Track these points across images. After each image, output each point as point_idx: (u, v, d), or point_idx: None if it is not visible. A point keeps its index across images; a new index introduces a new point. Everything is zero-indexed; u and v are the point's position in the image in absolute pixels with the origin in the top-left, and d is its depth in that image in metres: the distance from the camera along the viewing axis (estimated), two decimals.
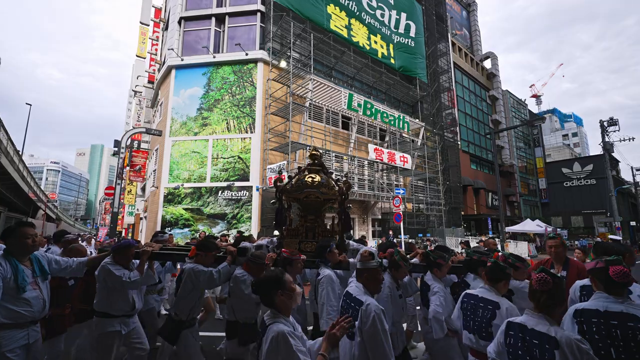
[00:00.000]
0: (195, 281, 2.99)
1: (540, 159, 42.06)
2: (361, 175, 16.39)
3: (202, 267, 3.04)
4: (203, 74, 14.49)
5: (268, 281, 1.76)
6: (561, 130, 79.24)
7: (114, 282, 2.89)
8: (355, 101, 15.25)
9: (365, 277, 2.33)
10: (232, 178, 13.36)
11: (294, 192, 3.73)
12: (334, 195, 3.66)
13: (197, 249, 3.17)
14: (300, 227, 3.77)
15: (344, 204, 3.67)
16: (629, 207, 39.51)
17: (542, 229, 21.82)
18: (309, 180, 3.67)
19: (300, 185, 3.68)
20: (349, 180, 3.94)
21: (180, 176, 13.59)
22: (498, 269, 2.34)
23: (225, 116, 13.97)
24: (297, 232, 3.77)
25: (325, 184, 3.69)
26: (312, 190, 3.60)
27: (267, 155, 13.33)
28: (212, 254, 3.21)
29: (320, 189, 3.62)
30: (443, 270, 3.09)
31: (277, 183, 3.82)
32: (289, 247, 3.54)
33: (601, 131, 23.02)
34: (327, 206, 3.94)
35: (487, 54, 37.84)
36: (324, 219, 3.93)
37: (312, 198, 3.64)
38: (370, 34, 18.50)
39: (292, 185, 3.79)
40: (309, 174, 3.80)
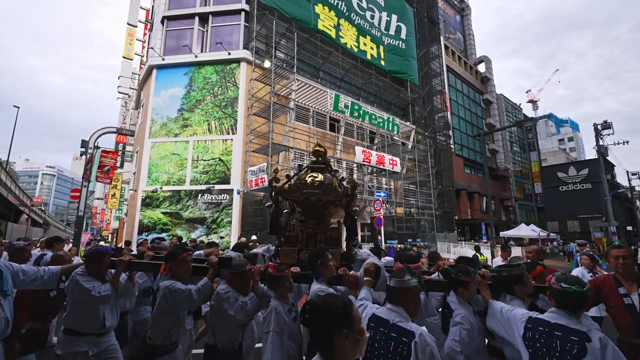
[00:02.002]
0: (171, 302, 2.52)
1: (535, 163, 41.78)
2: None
3: (179, 285, 2.55)
4: (185, 74, 14.09)
5: (331, 313, 1.15)
6: (557, 135, 79.33)
7: (82, 295, 2.52)
8: (342, 102, 14.87)
9: (403, 299, 1.84)
10: (212, 181, 12.89)
11: (292, 194, 3.20)
12: (337, 196, 3.15)
13: (165, 261, 2.68)
14: (300, 234, 3.24)
15: (349, 207, 3.17)
16: (625, 212, 39.20)
17: (535, 233, 21.41)
18: (309, 179, 3.16)
19: (300, 186, 3.16)
20: (354, 180, 3.30)
21: (159, 179, 13.11)
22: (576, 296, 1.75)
23: (206, 117, 13.54)
24: (296, 239, 3.24)
25: (328, 184, 3.16)
26: (312, 191, 3.09)
27: (248, 157, 12.88)
28: (186, 263, 2.68)
29: (321, 189, 3.11)
30: (470, 290, 2.34)
31: (273, 183, 3.28)
32: (287, 256, 3.11)
33: (595, 134, 22.76)
34: (331, 210, 3.43)
35: (481, 58, 37.76)
36: (327, 224, 3.39)
37: (313, 200, 3.14)
38: (360, 35, 18.21)
39: (291, 185, 3.27)
40: (311, 173, 3.31)
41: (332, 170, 3.43)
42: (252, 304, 2.56)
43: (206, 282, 2.64)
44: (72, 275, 2.60)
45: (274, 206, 3.31)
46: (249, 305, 2.53)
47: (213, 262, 2.74)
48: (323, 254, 2.58)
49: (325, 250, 2.64)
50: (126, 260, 2.78)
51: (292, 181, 3.32)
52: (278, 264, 2.63)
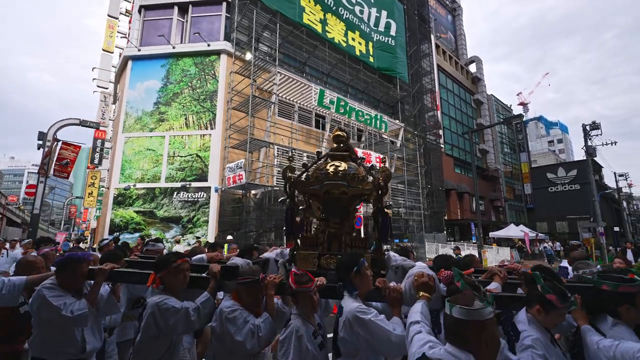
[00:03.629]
0: (162, 325, 1.91)
1: (525, 164, 41.89)
2: None
3: (172, 302, 1.96)
4: (162, 65, 13.42)
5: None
6: (547, 137, 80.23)
7: (50, 315, 1.96)
8: (328, 98, 14.36)
9: (475, 339, 1.19)
10: (189, 178, 12.24)
11: (310, 186, 2.68)
12: (366, 189, 2.62)
13: (155, 270, 2.07)
14: (321, 235, 2.72)
15: (381, 201, 2.64)
16: (612, 213, 39.55)
17: (523, 234, 21.21)
18: (330, 169, 2.63)
19: (320, 177, 2.63)
20: (387, 168, 2.77)
21: (133, 176, 12.41)
22: None
23: (184, 111, 12.89)
24: (315, 241, 2.70)
25: (354, 174, 2.63)
26: (335, 183, 2.57)
27: (227, 153, 12.27)
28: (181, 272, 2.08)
29: (347, 180, 2.59)
30: (552, 316, 1.62)
31: (287, 173, 2.73)
32: (304, 262, 2.57)
33: (584, 135, 22.68)
34: (356, 205, 2.91)
35: (472, 58, 37.70)
36: (353, 222, 2.90)
37: (336, 194, 2.64)
38: (348, 30, 17.73)
39: (309, 176, 2.74)
40: (331, 161, 2.78)
41: (357, 157, 2.89)
42: (266, 328, 1.97)
43: (207, 299, 2.05)
44: (37, 289, 2.06)
45: (289, 202, 2.74)
46: (263, 329, 1.95)
47: (214, 271, 2.14)
48: (358, 260, 1.99)
49: (360, 257, 2.07)
50: (107, 269, 2.19)
51: (309, 171, 2.81)
52: (300, 273, 1.98)
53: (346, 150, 2.87)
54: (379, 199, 2.62)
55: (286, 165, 2.71)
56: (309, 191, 2.71)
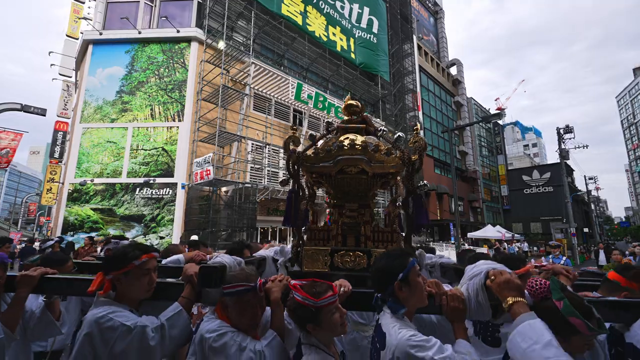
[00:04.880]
0: (102, 351, 1.27)
1: (502, 166, 42.96)
2: None
3: (120, 317, 1.32)
4: (126, 51, 12.42)
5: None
6: (522, 141, 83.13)
7: None
8: (306, 92, 13.80)
9: None
10: (153, 173, 11.34)
11: (319, 164, 2.07)
12: (392, 165, 2.03)
13: (105, 270, 1.44)
14: (333, 226, 2.16)
15: (412, 180, 2.04)
16: (582, 214, 41.17)
17: (500, 234, 21.46)
18: (346, 142, 2.03)
19: (332, 151, 2.03)
20: (422, 138, 2.11)
21: (91, 170, 11.37)
22: None
23: (149, 101, 11.96)
24: (326, 234, 2.13)
25: (376, 146, 2.04)
26: (352, 158, 1.98)
27: (196, 147, 11.46)
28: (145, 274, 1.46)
29: (367, 155, 1.99)
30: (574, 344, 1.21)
31: (290, 146, 2.10)
32: (312, 261, 2.00)
33: (558, 138, 23.25)
34: (378, 187, 2.30)
35: (453, 61, 38.22)
36: (373, 210, 2.28)
37: (354, 173, 2.06)
38: (329, 25, 17.24)
39: (317, 150, 2.10)
40: (345, 134, 2.19)
41: (376, 130, 2.29)
42: (275, 355, 1.36)
43: (176, 312, 1.42)
44: None
45: (292, 183, 2.12)
46: (270, 357, 1.34)
47: (189, 274, 1.50)
48: (405, 262, 1.31)
49: (408, 256, 1.36)
50: (35, 275, 1.52)
51: (318, 145, 2.18)
52: (308, 283, 1.36)
53: (362, 122, 2.29)
54: (410, 178, 2.02)
55: (289, 136, 2.04)
56: (317, 169, 2.08)
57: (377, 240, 2.08)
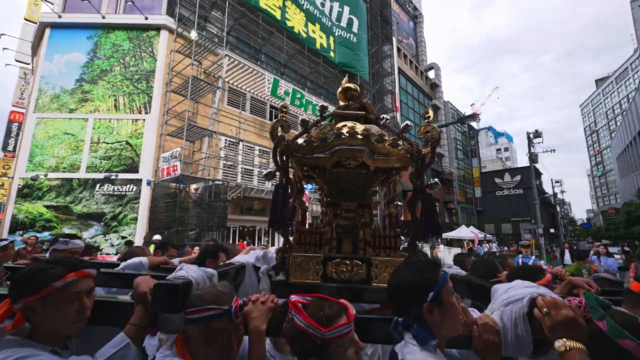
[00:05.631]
0: None
1: (476, 168, 44.41)
2: None
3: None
4: (88, 37, 11.54)
5: None
6: (495, 145, 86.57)
7: None
8: (283, 89, 13.44)
9: None
10: (116, 169, 10.58)
11: (312, 154, 1.73)
12: (398, 159, 1.71)
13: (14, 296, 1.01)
14: (327, 229, 1.83)
15: (421, 176, 1.72)
16: (549, 216, 43.27)
17: (473, 235, 22.01)
18: (344, 130, 1.71)
19: (327, 140, 1.70)
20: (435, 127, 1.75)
21: (44, 164, 10.45)
22: None
23: (113, 91, 11.16)
24: (318, 239, 1.81)
25: (379, 136, 1.72)
26: (352, 149, 1.67)
27: (164, 141, 10.81)
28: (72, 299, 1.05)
29: (369, 145, 1.68)
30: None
31: (277, 131, 1.75)
32: (301, 270, 1.69)
33: (528, 142, 24.18)
34: (381, 183, 2.03)
35: (431, 65, 39.07)
36: (372, 210, 1.96)
37: (352, 166, 1.77)
38: (309, 22, 16.96)
39: (311, 139, 1.75)
40: (342, 121, 1.88)
41: (378, 117, 1.99)
42: None
43: (122, 348, 1.05)
44: None
45: (280, 176, 1.78)
46: None
47: (141, 292, 1.15)
48: (436, 278, 1.02)
49: (438, 267, 1.07)
50: None
51: (312, 132, 1.87)
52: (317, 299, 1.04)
53: (361, 108, 1.99)
54: (419, 174, 1.72)
55: (276, 120, 1.74)
56: (310, 161, 1.76)
57: (378, 246, 1.77)
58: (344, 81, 2.06)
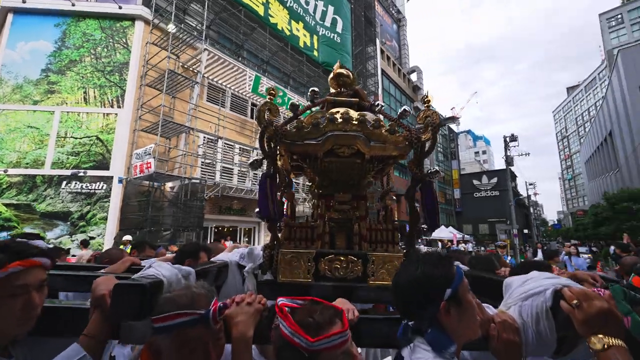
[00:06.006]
0: None
1: (456, 170, 45.55)
2: None
3: None
4: (56, 25, 10.86)
5: None
6: (474, 148, 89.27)
7: None
8: (264, 86, 13.17)
9: None
10: (84, 165, 10.00)
11: (303, 141, 1.60)
12: (396, 146, 1.63)
13: None
14: (319, 222, 1.71)
15: (421, 164, 1.64)
16: (523, 217, 45.00)
17: (452, 235, 22.52)
18: (338, 115, 1.60)
19: (320, 126, 1.58)
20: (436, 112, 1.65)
21: (4, 158, 9.72)
22: None
23: (83, 83, 10.55)
24: (310, 233, 1.69)
25: (376, 122, 1.62)
26: (347, 135, 1.57)
27: (137, 137, 10.32)
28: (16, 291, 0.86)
29: (365, 132, 1.59)
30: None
31: (264, 114, 1.55)
32: (290, 268, 1.55)
33: (504, 145, 25.00)
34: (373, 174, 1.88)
35: (414, 68, 39.74)
36: (367, 202, 1.84)
37: (346, 154, 1.66)
38: (292, 19, 16.77)
39: (301, 125, 1.61)
40: (335, 108, 1.75)
41: (372, 105, 1.87)
42: None
43: None
44: None
45: (268, 165, 1.62)
46: None
47: (99, 294, 0.95)
48: (452, 270, 0.89)
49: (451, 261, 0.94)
50: None
51: (304, 120, 1.69)
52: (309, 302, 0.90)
53: (354, 95, 1.87)
54: (419, 162, 1.62)
55: (264, 102, 1.56)
56: (301, 149, 1.61)
57: (375, 241, 1.66)
58: (336, 66, 1.94)
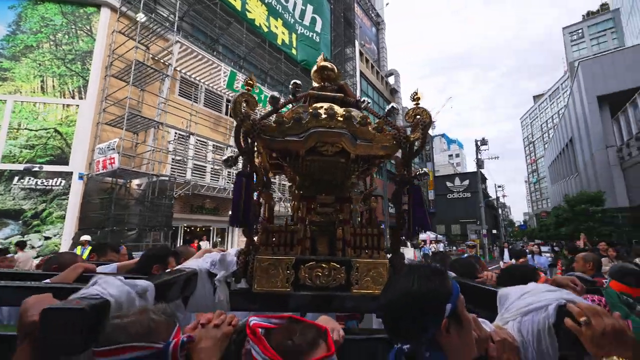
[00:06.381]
0: None
1: (431, 172, 46.86)
2: None
3: None
4: (10, 7, 10.00)
5: None
6: (448, 151, 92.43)
7: None
8: (240, 82, 12.85)
9: None
10: (40, 159, 9.27)
11: (283, 137, 1.46)
12: (384, 145, 1.52)
13: None
14: (299, 226, 1.57)
15: (409, 166, 1.58)
16: (492, 218, 47.09)
17: (426, 235, 23.07)
18: (322, 110, 1.47)
19: (302, 121, 1.45)
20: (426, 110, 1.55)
21: None
22: None
23: (40, 71, 9.79)
24: (289, 238, 1.56)
25: (362, 119, 1.51)
26: (332, 132, 1.45)
27: (100, 131, 9.71)
28: None
29: (351, 129, 1.48)
30: None
31: (239, 105, 1.39)
32: (268, 277, 1.43)
33: (475, 148, 26.03)
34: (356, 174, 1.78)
35: (392, 71, 40.49)
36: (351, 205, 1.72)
37: (329, 154, 1.55)
38: (271, 16, 16.53)
39: (282, 119, 1.47)
40: (318, 102, 1.61)
41: (358, 101, 1.74)
42: None
43: None
44: None
45: (244, 162, 1.49)
46: None
47: (29, 322, 0.73)
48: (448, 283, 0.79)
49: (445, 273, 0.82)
50: None
51: (285, 114, 1.53)
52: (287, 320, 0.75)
53: (339, 90, 1.74)
54: (407, 163, 1.55)
55: (241, 93, 1.43)
56: (281, 145, 1.47)
57: (359, 246, 1.55)
58: (320, 59, 1.82)
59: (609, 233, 19.81)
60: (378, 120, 1.54)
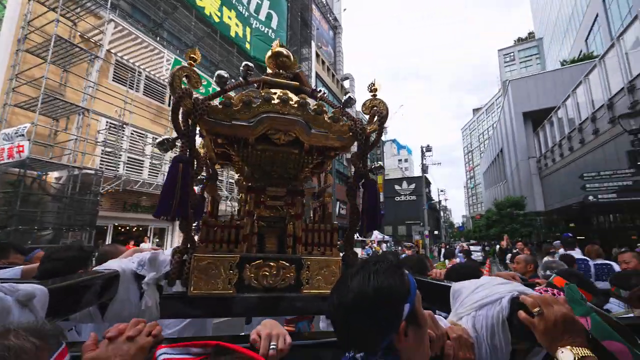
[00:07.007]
0: None
1: (380, 176, 48.90)
2: None
3: None
4: None
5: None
6: (397, 156, 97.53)
7: None
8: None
9: None
10: None
11: (230, 121, 1.24)
12: (339, 137, 1.41)
13: None
14: (246, 221, 1.37)
15: (364, 159, 1.48)
16: (434, 220, 50.65)
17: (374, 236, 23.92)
18: (275, 95, 1.29)
19: (252, 105, 1.26)
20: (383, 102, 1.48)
21: None
22: None
23: None
24: (233, 234, 1.34)
25: (317, 108, 1.36)
26: (284, 118, 1.30)
27: (8, 114, 8.30)
28: None
29: (305, 117, 1.34)
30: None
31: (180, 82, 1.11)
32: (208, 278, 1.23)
33: (421, 154, 27.73)
34: (310, 168, 1.57)
35: (347, 75, 41.51)
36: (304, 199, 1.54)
37: (281, 143, 1.39)
38: (224, 6, 15.80)
39: (229, 102, 1.24)
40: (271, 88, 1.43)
41: (314, 90, 1.61)
42: None
43: None
44: None
45: (182, 146, 1.24)
46: None
47: None
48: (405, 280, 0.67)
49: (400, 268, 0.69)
50: None
51: (233, 98, 1.34)
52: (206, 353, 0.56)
53: (294, 78, 1.64)
54: (362, 156, 1.49)
55: (180, 67, 1.22)
56: (226, 130, 1.31)
57: (311, 243, 1.45)
58: (275, 44, 1.68)
59: (529, 234, 22.45)
60: (334, 110, 1.47)
